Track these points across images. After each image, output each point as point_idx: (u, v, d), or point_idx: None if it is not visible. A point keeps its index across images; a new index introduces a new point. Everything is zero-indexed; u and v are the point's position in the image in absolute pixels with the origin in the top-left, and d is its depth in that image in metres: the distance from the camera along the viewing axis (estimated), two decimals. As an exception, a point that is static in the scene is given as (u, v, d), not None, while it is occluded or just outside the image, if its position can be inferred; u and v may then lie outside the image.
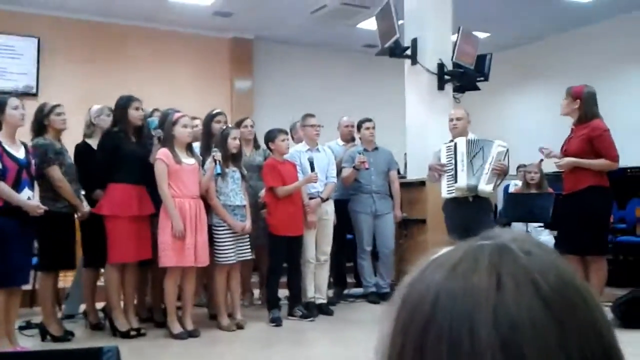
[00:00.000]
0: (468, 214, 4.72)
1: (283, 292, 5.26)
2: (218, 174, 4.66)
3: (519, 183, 6.89)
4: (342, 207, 5.77)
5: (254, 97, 9.60)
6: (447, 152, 4.94)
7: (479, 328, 0.46)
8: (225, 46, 9.54)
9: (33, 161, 4.01)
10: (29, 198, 3.86)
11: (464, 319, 0.46)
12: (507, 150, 4.89)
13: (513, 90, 10.22)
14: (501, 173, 4.85)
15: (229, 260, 4.72)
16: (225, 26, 9.11)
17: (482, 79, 6.41)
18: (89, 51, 8.47)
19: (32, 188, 3.93)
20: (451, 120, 5.10)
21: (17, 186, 3.80)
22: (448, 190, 4.91)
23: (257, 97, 9.61)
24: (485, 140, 4.94)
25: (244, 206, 4.84)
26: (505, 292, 0.47)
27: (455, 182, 4.82)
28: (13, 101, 3.94)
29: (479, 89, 6.51)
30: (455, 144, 4.88)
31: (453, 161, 4.85)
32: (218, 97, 8.74)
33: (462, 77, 6.25)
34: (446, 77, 6.19)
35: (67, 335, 4.39)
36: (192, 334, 4.49)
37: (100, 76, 8.33)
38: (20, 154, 3.90)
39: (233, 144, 4.79)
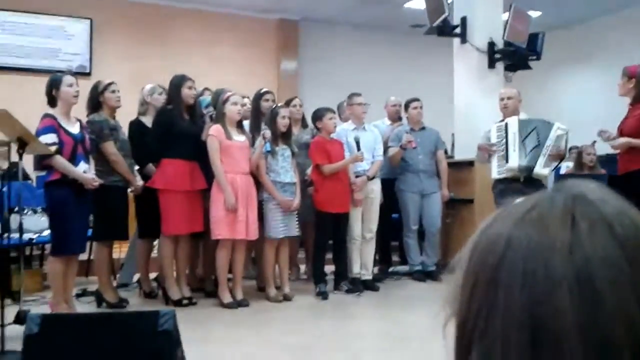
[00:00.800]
0: (519, 194, 4.65)
1: (329, 269, 5.33)
2: (267, 152, 4.75)
3: (571, 164, 6.75)
4: (389, 186, 5.78)
5: (299, 78, 9.64)
6: (497, 132, 4.86)
7: (554, 261, 0.47)
8: (272, 27, 9.59)
9: (87, 136, 4.16)
10: (85, 171, 4.01)
11: (539, 254, 0.48)
12: (567, 132, 4.78)
13: (565, 70, 9.96)
14: (558, 157, 4.76)
15: (278, 235, 4.81)
16: (272, 7, 9.16)
17: (534, 57, 6.28)
18: (140, 32, 8.66)
19: (87, 162, 4.09)
20: (502, 99, 5.02)
21: (73, 160, 3.95)
22: (499, 171, 4.83)
23: (303, 78, 9.65)
24: (539, 120, 4.84)
25: (294, 183, 4.91)
26: (580, 231, 0.48)
27: (507, 162, 4.75)
28: (68, 79, 4.07)
29: (530, 68, 6.38)
30: (507, 124, 4.79)
31: (504, 141, 4.77)
32: (264, 78, 8.80)
33: (514, 56, 6.13)
34: (497, 55, 6.08)
35: (122, 303, 4.56)
36: (242, 304, 4.62)
37: (151, 56, 8.51)
38: (75, 129, 4.05)
39: (282, 122, 4.85)
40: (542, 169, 4.68)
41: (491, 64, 6.11)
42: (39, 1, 8.10)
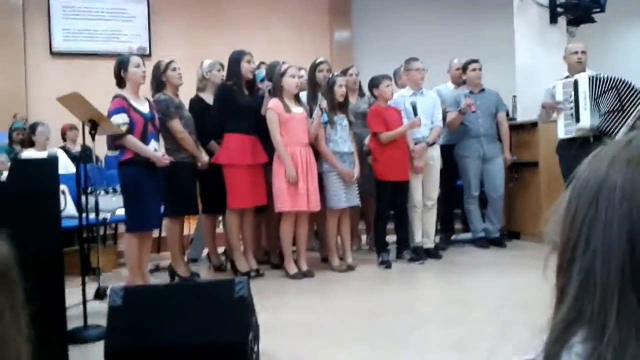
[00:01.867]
0: (588, 155, 4.49)
1: (390, 238, 5.34)
2: (325, 122, 4.76)
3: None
4: (451, 153, 5.71)
5: (353, 47, 9.55)
6: (564, 89, 4.67)
7: None
8: (323, -2, 9.51)
9: (157, 115, 4.28)
10: (155, 150, 4.14)
11: (637, 173, 0.54)
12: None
13: (631, 23, 9.46)
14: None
15: (340, 205, 4.85)
16: (323, -24, 9.06)
17: (598, 10, 6.00)
18: (195, 11, 8.77)
19: (157, 140, 4.22)
20: (575, 53, 4.81)
21: (144, 139, 4.08)
22: (567, 130, 4.67)
23: (357, 47, 9.55)
24: (617, 80, 4.56)
25: (352, 153, 4.92)
26: None
27: (578, 121, 4.57)
28: (135, 59, 4.19)
29: (594, 21, 6.11)
30: (577, 81, 4.60)
31: (573, 99, 4.59)
32: (318, 49, 8.73)
33: (577, 9, 5.88)
34: (559, 9, 5.85)
35: (194, 276, 4.73)
36: (307, 274, 4.71)
37: (206, 33, 8.63)
38: (145, 108, 4.18)
39: (340, 91, 4.84)
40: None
41: (553, 19, 5.88)
42: (97, -14, 8.30)
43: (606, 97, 4.51)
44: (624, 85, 4.55)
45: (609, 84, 4.54)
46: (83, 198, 3.89)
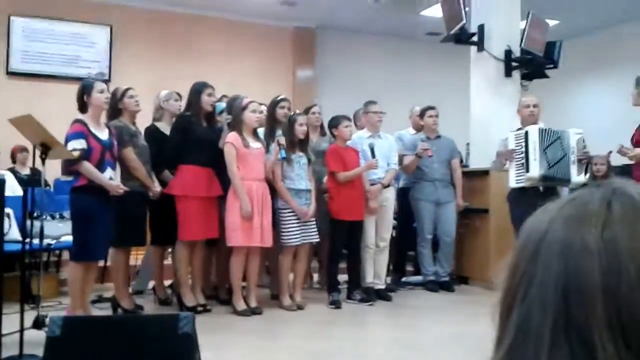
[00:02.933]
0: (537, 204, 4.62)
1: (342, 277, 5.33)
2: (283, 158, 4.77)
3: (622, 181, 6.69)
4: (408, 195, 5.79)
5: (316, 85, 9.69)
6: (516, 140, 4.83)
7: (590, 235, 0.55)
8: (288, 35, 9.66)
9: (115, 143, 4.21)
10: (111, 178, 4.05)
11: (576, 228, 0.56)
12: (583, 135, 4.80)
13: (583, 79, 9.91)
14: (588, 161, 4.77)
15: (294, 243, 4.83)
16: (289, 15, 9.23)
17: (551, 66, 6.27)
18: (159, 39, 8.77)
19: (114, 168, 4.13)
20: (527, 107, 4.99)
21: (101, 166, 3.99)
22: (517, 180, 4.81)
23: (319, 85, 9.69)
24: (561, 131, 4.82)
25: (309, 190, 4.93)
26: (614, 214, 0.56)
27: (527, 171, 4.72)
28: (99, 85, 4.13)
29: (547, 77, 6.37)
30: (527, 132, 4.77)
31: (524, 150, 4.75)
32: (280, 86, 8.85)
33: (531, 64, 6.13)
34: (514, 64, 6.08)
35: (138, 309, 4.59)
36: (255, 311, 4.64)
37: (169, 63, 8.61)
38: (104, 135, 4.10)
39: (300, 129, 4.88)
40: (577, 178, 4.68)
41: (508, 73, 6.11)
42: (61, 8, 8.22)
43: (553, 147, 4.69)
44: (561, 131, 4.77)
45: (555, 135, 4.74)
46: (28, 222, 3.77)
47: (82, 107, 4.08)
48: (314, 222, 4.96)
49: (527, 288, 0.57)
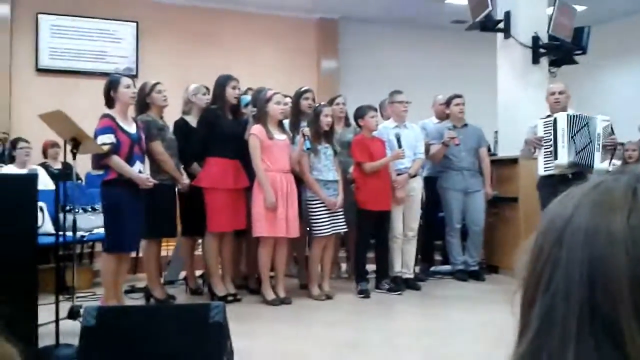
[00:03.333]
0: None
1: (370, 267, 5.34)
2: (308, 149, 4.78)
3: (617, 162, 6.58)
4: (433, 184, 5.75)
5: (340, 76, 9.67)
6: (545, 127, 4.76)
7: (615, 224, 0.53)
8: (312, 27, 9.65)
9: (143, 137, 4.27)
10: (140, 171, 4.11)
11: (601, 217, 0.54)
12: (611, 123, 4.69)
13: (612, 65, 9.71)
14: (613, 148, 4.67)
15: (325, 233, 4.85)
16: (312, 7, 9.22)
17: (579, 52, 6.15)
18: (184, 34, 8.84)
19: (142, 161, 4.20)
20: (553, 94, 4.92)
21: (130, 160, 4.06)
22: (546, 167, 4.74)
23: (344, 76, 9.67)
24: (588, 117, 4.74)
25: (337, 181, 4.95)
26: (638, 200, 0.54)
27: (555, 158, 4.65)
28: (125, 80, 4.19)
29: (576, 63, 6.26)
30: (555, 119, 4.69)
31: (552, 137, 4.68)
32: (305, 78, 8.85)
33: (559, 51, 6.02)
34: (541, 50, 5.98)
35: (170, 299, 4.67)
36: (284, 301, 4.67)
37: (194, 57, 8.68)
38: (132, 129, 4.16)
39: (325, 120, 4.88)
40: (600, 164, 4.59)
41: (535, 59, 6.01)
42: (87, 5, 8.35)
43: (581, 133, 4.62)
44: (589, 117, 4.69)
45: (583, 121, 4.66)
46: (61, 215, 3.85)
47: (109, 102, 4.14)
48: (342, 213, 4.97)
49: (551, 275, 0.56)
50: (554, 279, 0.55)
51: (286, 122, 5.08)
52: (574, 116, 4.71)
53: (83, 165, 4.81)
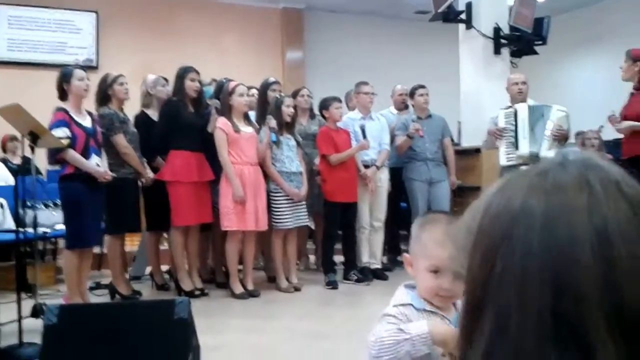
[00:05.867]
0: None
1: (338, 259, 5.37)
2: (273, 142, 4.76)
3: (577, 150, 6.74)
4: (398, 175, 5.80)
5: (305, 67, 9.64)
6: (505, 118, 4.84)
7: (576, 222, 0.49)
8: (276, 17, 9.59)
9: (99, 129, 4.19)
10: (97, 165, 4.05)
11: (559, 215, 0.50)
12: (567, 115, 4.77)
13: (572, 55, 9.91)
14: (562, 138, 4.73)
15: (286, 225, 4.85)
16: (277, -4, 9.16)
17: (540, 42, 6.26)
18: (145, 24, 8.68)
19: (99, 155, 4.13)
20: (515, 84, 4.99)
21: (86, 153, 3.99)
22: (508, 158, 4.82)
23: (309, 67, 9.65)
24: (544, 106, 4.83)
25: (300, 172, 4.94)
26: (596, 194, 0.51)
27: (517, 149, 4.73)
28: (78, 72, 4.10)
29: (537, 53, 6.36)
30: (516, 110, 4.78)
31: (513, 128, 4.76)
32: (270, 68, 8.80)
33: (520, 41, 6.11)
34: (502, 41, 6.07)
35: (135, 295, 4.62)
36: (253, 294, 4.67)
37: (156, 48, 8.53)
38: (87, 122, 4.09)
39: (287, 111, 4.87)
40: (547, 152, 4.65)
41: (497, 50, 6.10)
42: (45, -5, 8.12)
43: (539, 122, 4.70)
44: (546, 106, 4.76)
45: (540, 110, 4.74)
46: (21, 211, 3.76)
47: (63, 95, 4.06)
48: (305, 205, 4.97)
49: (501, 277, 0.50)
50: (505, 281, 0.49)
51: (252, 113, 5.05)
52: (533, 107, 4.79)
53: (44, 159, 4.71)
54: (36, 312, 3.75)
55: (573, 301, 0.47)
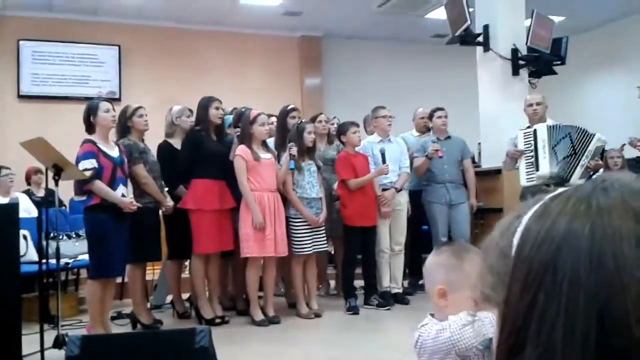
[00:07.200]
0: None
1: (359, 283, 5.33)
2: (293, 169, 4.79)
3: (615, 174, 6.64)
4: (418, 198, 5.77)
5: (323, 93, 9.72)
6: (525, 139, 4.81)
7: (624, 250, 0.46)
8: (295, 45, 9.71)
9: (126, 160, 4.25)
10: (123, 195, 4.09)
11: (605, 242, 0.47)
12: (605, 143, 4.70)
13: (591, 74, 9.84)
14: (596, 170, 4.66)
15: (305, 251, 4.84)
16: (294, 25, 9.28)
17: (558, 62, 6.23)
18: (166, 56, 8.85)
19: (125, 185, 4.18)
20: (530, 105, 4.97)
21: (113, 183, 4.03)
22: (528, 178, 4.78)
23: (327, 93, 9.72)
24: (572, 127, 4.74)
25: (320, 198, 4.95)
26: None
27: (537, 170, 4.69)
28: (104, 105, 4.18)
29: (556, 73, 6.33)
30: (535, 130, 4.75)
31: (533, 148, 4.72)
32: (288, 95, 8.88)
33: (538, 62, 6.09)
34: (521, 62, 6.05)
35: (156, 324, 4.62)
36: (273, 321, 4.65)
37: (177, 79, 8.69)
38: (114, 153, 4.15)
39: (308, 138, 4.90)
40: (577, 180, 4.59)
41: (515, 71, 6.08)
42: (69, 30, 8.34)
43: (562, 144, 4.65)
44: (575, 130, 4.72)
45: (563, 132, 4.70)
46: (44, 243, 3.81)
47: (90, 127, 4.13)
48: (324, 230, 4.97)
49: (544, 310, 0.48)
50: (547, 312, 0.48)
51: (270, 140, 5.09)
52: (554, 127, 4.75)
53: (67, 191, 4.79)
54: (58, 343, 3.78)
55: (618, 334, 0.45)
